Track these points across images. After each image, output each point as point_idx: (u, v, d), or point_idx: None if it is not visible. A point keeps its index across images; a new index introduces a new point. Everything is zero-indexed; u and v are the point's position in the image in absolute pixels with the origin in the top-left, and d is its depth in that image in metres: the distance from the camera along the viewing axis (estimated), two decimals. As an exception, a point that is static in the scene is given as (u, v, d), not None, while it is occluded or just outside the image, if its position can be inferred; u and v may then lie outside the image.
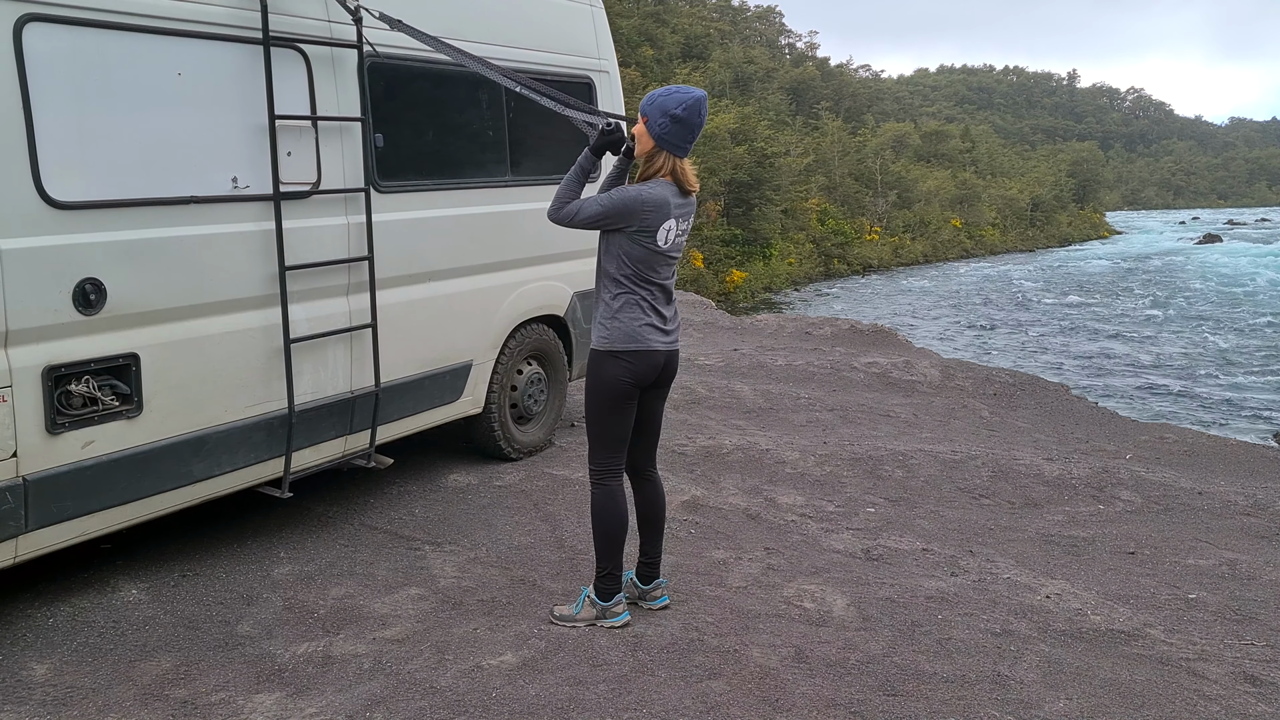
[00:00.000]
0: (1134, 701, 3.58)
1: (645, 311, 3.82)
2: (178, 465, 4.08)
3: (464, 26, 5.23)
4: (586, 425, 3.97)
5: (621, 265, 3.79)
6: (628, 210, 3.71)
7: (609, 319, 3.82)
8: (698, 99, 3.72)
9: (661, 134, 3.72)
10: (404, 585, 4.38)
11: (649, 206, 3.71)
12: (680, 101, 3.69)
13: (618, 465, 3.96)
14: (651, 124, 3.73)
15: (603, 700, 3.44)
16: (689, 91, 3.74)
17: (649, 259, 3.78)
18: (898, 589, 4.51)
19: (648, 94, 3.83)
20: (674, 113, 3.68)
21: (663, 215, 3.73)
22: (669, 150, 3.76)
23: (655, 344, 3.84)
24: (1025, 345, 20.08)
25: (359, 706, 3.37)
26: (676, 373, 4.08)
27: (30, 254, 3.50)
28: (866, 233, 44.93)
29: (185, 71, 3.98)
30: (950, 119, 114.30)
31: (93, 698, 3.40)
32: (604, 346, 3.83)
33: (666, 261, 3.84)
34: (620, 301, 3.81)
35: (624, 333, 3.80)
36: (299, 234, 4.42)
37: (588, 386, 3.93)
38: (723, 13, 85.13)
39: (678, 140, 3.74)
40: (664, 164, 3.77)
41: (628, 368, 3.81)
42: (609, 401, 3.87)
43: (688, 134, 3.74)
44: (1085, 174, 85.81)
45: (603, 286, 3.86)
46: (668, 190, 3.76)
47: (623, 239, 3.76)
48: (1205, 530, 5.76)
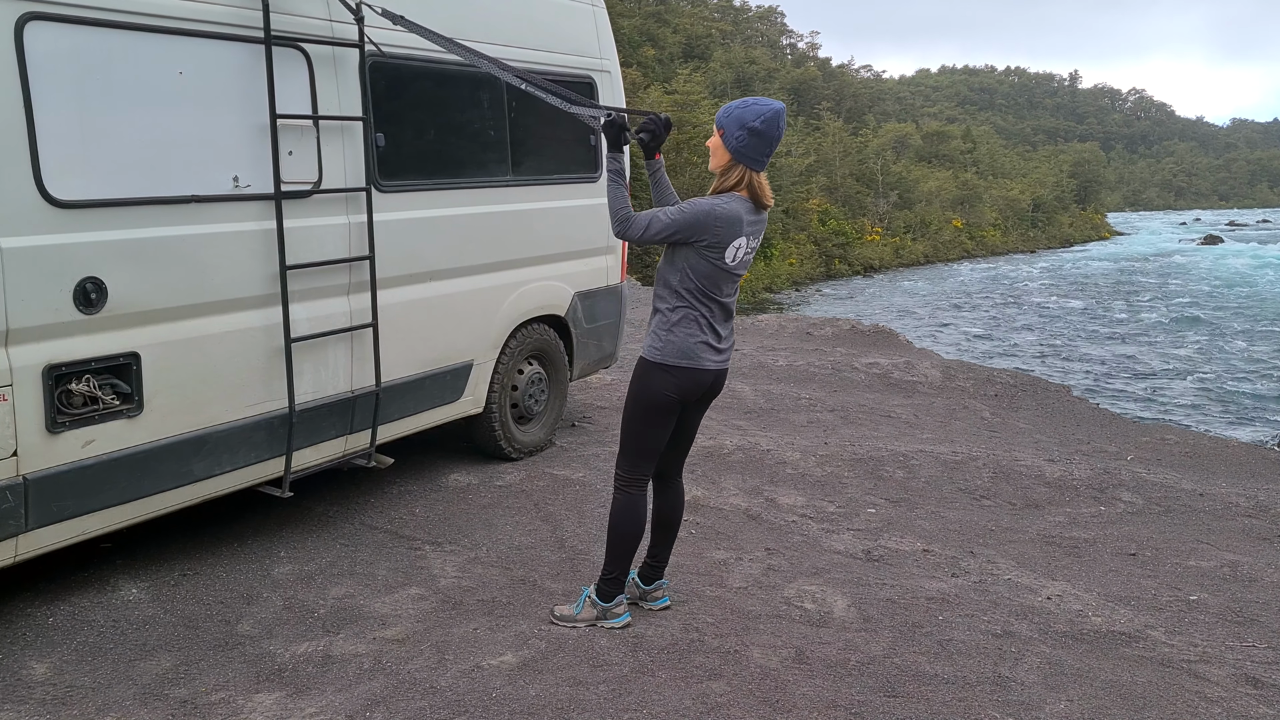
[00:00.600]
0: (1135, 703, 3.57)
1: (702, 329, 3.71)
2: (178, 464, 4.07)
3: (466, 26, 5.22)
4: (622, 430, 3.89)
5: (685, 279, 3.67)
6: (699, 225, 3.58)
7: (665, 331, 3.72)
8: (777, 111, 3.60)
9: (739, 147, 3.59)
10: (404, 585, 4.38)
11: (721, 222, 3.58)
12: (759, 114, 3.57)
13: (645, 475, 3.91)
14: (728, 136, 3.60)
15: (603, 701, 3.44)
16: (767, 104, 3.61)
17: (714, 275, 3.66)
18: (898, 590, 4.50)
19: (723, 106, 3.71)
20: (752, 125, 3.56)
21: (734, 232, 3.61)
22: (745, 164, 3.62)
23: (707, 362, 3.75)
24: (1026, 346, 20.08)
25: (359, 706, 3.37)
26: (723, 388, 3.97)
27: (31, 253, 3.49)
28: (867, 233, 44.91)
29: (187, 70, 3.97)
30: (952, 119, 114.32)
31: (92, 697, 3.40)
32: (655, 358, 3.73)
33: (731, 279, 3.72)
34: (679, 315, 3.70)
35: (678, 348, 3.70)
36: (300, 233, 4.41)
37: (631, 393, 3.83)
38: (724, 13, 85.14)
39: (755, 154, 3.61)
40: (740, 178, 3.64)
41: (675, 383, 3.73)
42: (650, 413, 3.79)
43: (765, 147, 3.61)
44: (1087, 175, 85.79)
45: (661, 297, 3.75)
46: (742, 206, 3.63)
47: (690, 252, 3.64)
48: (1206, 532, 5.75)
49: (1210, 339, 21.33)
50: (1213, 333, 22.34)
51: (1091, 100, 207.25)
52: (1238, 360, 18.39)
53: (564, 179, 6.11)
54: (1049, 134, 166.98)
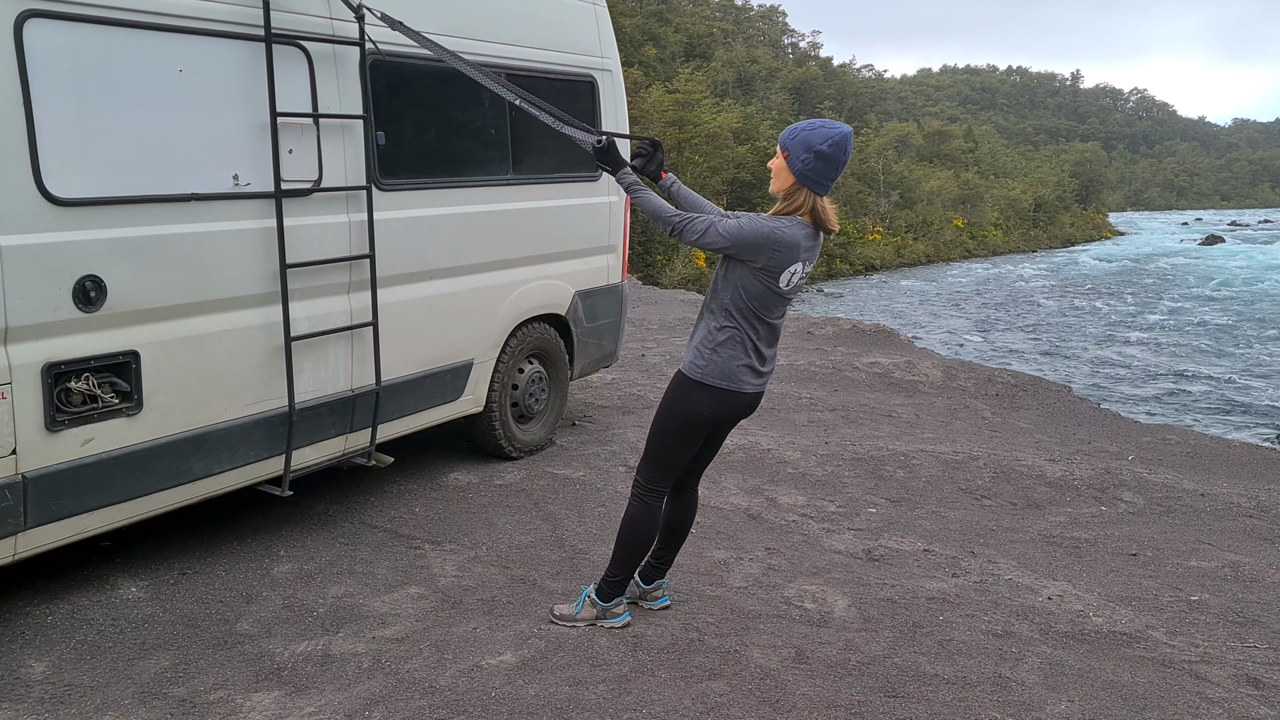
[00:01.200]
0: (1136, 704, 3.56)
1: (747, 351, 3.66)
2: (177, 463, 4.07)
3: (467, 25, 5.22)
4: (649, 439, 3.85)
5: (737, 297, 3.60)
6: (757, 246, 3.51)
7: (709, 349, 3.66)
8: (844, 135, 3.51)
9: (804, 170, 3.50)
10: (404, 584, 4.37)
11: (780, 246, 3.50)
12: (826, 137, 3.48)
13: (665, 487, 3.89)
14: (793, 159, 3.51)
15: (602, 700, 3.43)
16: (835, 127, 3.53)
17: (766, 298, 3.60)
18: (899, 590, 4.50)
19: (788, 127, 3.63)
20: (819, 149, 3.47)
21: (791, 257, 3.53)
22: (810, 188, 3.53)
23: (747, 386, 3.70)
24: (1027, 346, 20.06)
25: (358, 705, 3.36)
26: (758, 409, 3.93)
27: (30, 251, 3.49)
28: (869, 233, 44.87)
29: (187, 68, 3.96)
30: (953, 119, 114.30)
31: (91, 695, 3.40)
32: (696, 376, 3.68)
33: (783, 302, 3.67)
34: (725, 335, 3.64)
35: (720, 369, 3.65)
36: (300, 232, 4.41)
37: (665, 405, 3.78)
38: (726, 12, 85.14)
39: (820, 178, 3.52)
40: (804, 202, 3.55)
41: (712, 403, 3.70)
42: (682, 428, 3.76)
43: (832, 171, 3.52)
44: (1088, 175, 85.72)
45: (710, 313, 3.69)
46: (801, 232, 3.54)
47: (745, 272, 3.57)
48: (1208, 532, 5.75)
49: (1211, 338, 21.32)
50: (1213, 332, 22.32)
51: (1093, 100, 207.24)
52: (1239, 360, 18.37)
53: (565, 178, 6.10)
54: (1051, 134, 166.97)
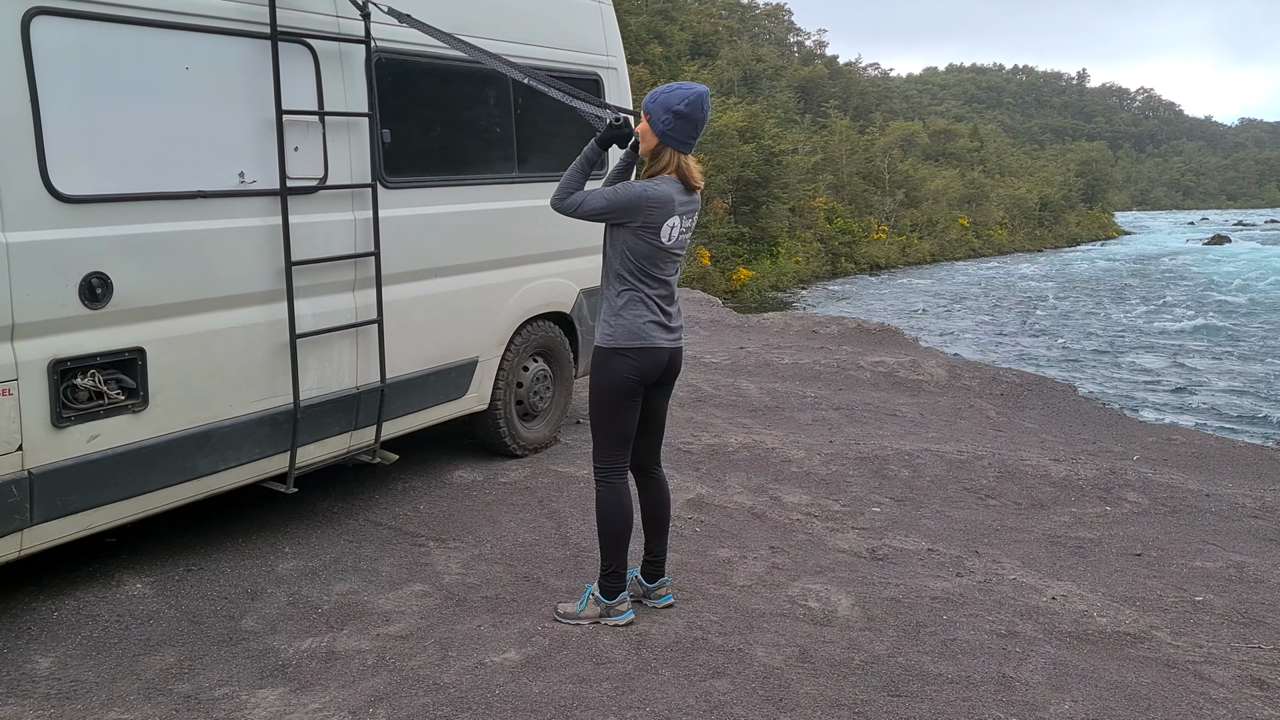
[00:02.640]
0: (1140, 704, 3.56)
1: (650, 309, 3.82)
2: (183, 460, 4.08)
3: (473, 23, 5.22)
4: (591, 423, 3.96)
5: (625, 260, 3.79)
6: (632, 205, 3.72)
7: (613, 316, 3.83)
8: (700, 94, 3.72)
9: (666, 131, 3.72)
10: (408, 581, 4.38)
11: (654, 203, 3.71)
12: (683, 98, 3.70)
13: (622, 463, 3.96)
14: (655, 121, 3.73)
15: (606, 699, 3.43)
16: (691, 88, 3.74)
17: (653, 255, 3.79)
18: (903, 589, 4.49)
19: (650, 92, 3.82)
20: (677, 109, 3.69)
21: (667, 212, 3.74)
22: (674, 147, 3.76)
23: (659, 341, 3.84)
24: (1032, 345, 20.02)
25: (362, 702, 3.37)
26: (680, 370, 4.08)
27: (37, 247, 3.50)
28: (874, 232, 44.81)
29: (193, 66, 3.97)
30: (959, 118, 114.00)
31: (96, 692, 3.41)
32: (608, 344, 3.84)
33: (670, 258, 3.84)
34: (625, 299, 3.81)
35: (628, 330, 3.80)
36: (305, 229, 4.41)
37: (591, 384, 3.93)
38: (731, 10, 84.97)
39: (682, 136, 3.74)
40: (669, 161, 3.77)
41: (632, 365, 3.82)
42: (613, 399, 3.87)
43: (692, 130, 3.74)
44: (1094, 174, 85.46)
45: (607, 283, 3.88)
46: (672, 187, 3.76)
47: (627, 234, 3.77)
48: (1212, 532, 5.73)
49: (1215, 339, 21.27)
50: (1217, 332, 22.27)
51: (1099, 99, 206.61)
52: (1244, 360, 18.32)
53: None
54: (1056, 133, 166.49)
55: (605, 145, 3.88)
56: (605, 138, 3.86)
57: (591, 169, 3.86)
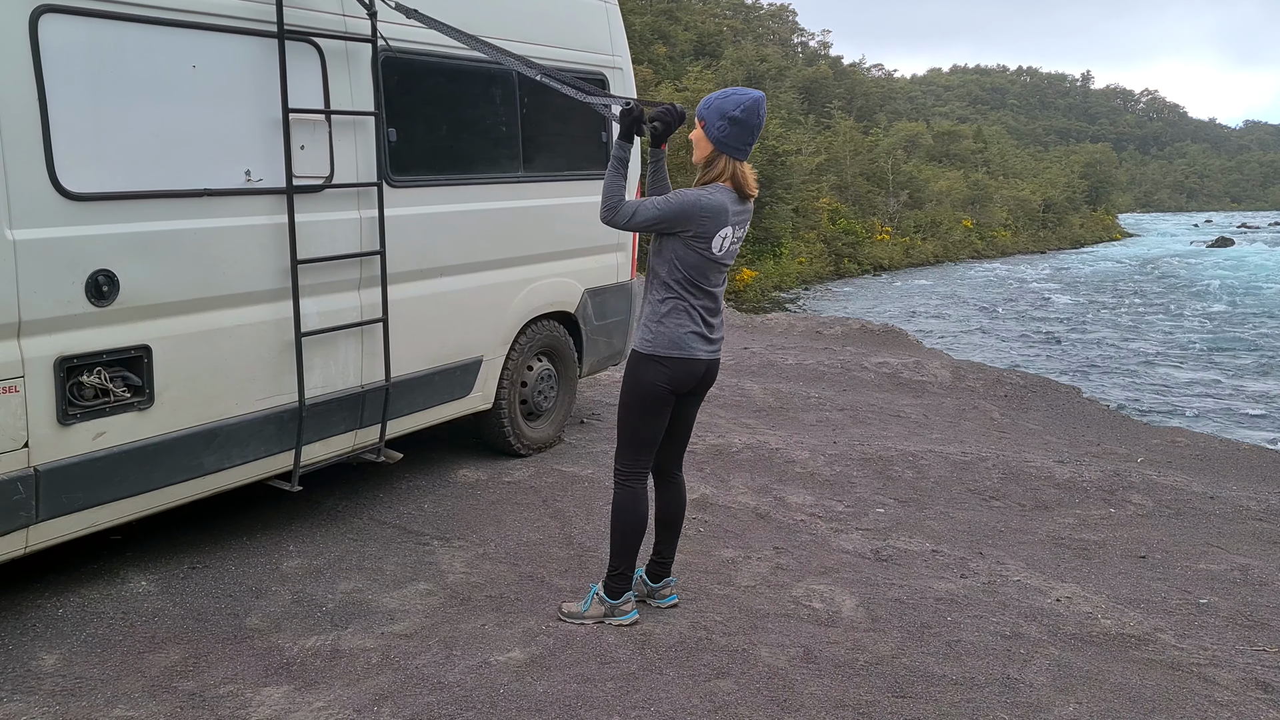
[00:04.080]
0: (1144, 706, 3.55)
1: (693, 319, 3.74)
2: (188, 457, 4.08)
3: (479, 23, 5.21)
4: (618, 425, 3.92)
5: (673, 270, 3.70)
6: (684, 215, 3.62)
7: (655, 323, 3.75)
8: (756, 99, 3.62)
9: (720, 137, 3.62)
10: (412, 580, 4.38)
11: (706, 212, 3.61)
12: (738, 103, 3.60)
13: (644, 468, 3.93)
14: (709, 127, 3.63)
15: (610, 698, 3.43)
16: (746, 93, 3.65)
17: (702, 265, 3.70)
18: (907, 590, 4.49)
19: (704, 98, 3.72)
20: (732, 114, 3.59)
21: (720, 222, 3.64)
22: (728, 154, 3.66)
23: (699, 352, 3.77)
24: (1036, 347, 20.00)
25: (366, 701, 3.37)
26: (715, 379, 4.03)
27: (43, 245, 3.50)
28: (877, 232, 44.74)
29: (200, 64, 3.98)
30: (963, 119, 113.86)
31: (101, 689, 3.41)
32: (646, 350, 3.77)
33: (719, 269, 3.75)
34: (668, 306, 3.73)
35: (668, 338, 3.73)
36: (311, 228, 4.42)
37: (625, 387, 3.86)
38: (736, 10, 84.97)
39: (737, 143, 3.64)
40: (724, 168, 3.67)
41: (667, 374, 3.75)
42: (644, 405, 3.81)
43: (747, 136, 3.64)
44: (1098, 175, 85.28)
45: (651, 289, 3.79)
46: (726, 196, 3.67)
47: (677, 243, 3.67)
48: (1217, 535, 5.73)
49: (1218, 340, 21.23)
50: (1220, 334, 22.23)
51: (1104, 101, 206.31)
52: (1248, 362, 18.29)
53: (575, 175, 6.10)
54: (1061, 134, 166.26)
55: (628, 137, 3.78)
56: (625, 129, 3.77)
57: (626, 168, 3.76)
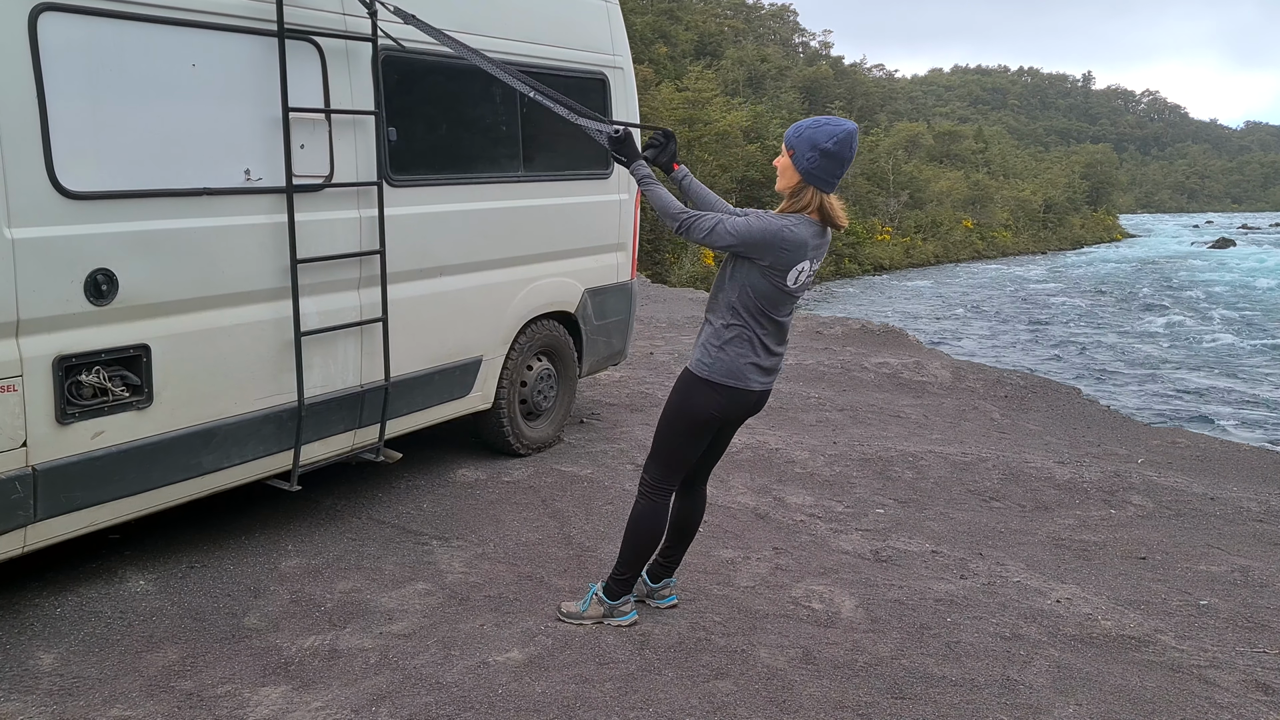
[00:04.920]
0: (1144, 708, 3.55)
1: (754, 349, 3.64)
2: (187, 457, 4.08)
3: (479, 21, 5.22)
4: (656, 436, 3.84)
5: (744, 296, 3.59)
6: (765, 245, 3.50)
7: (716, 347, 3.65)
8: (850, 132, 3.50)
9: (809, 168, 3.49)
10: (411, 580, 4.38)
11: (788, 245, 3.49)
12: (831, 135, 3.46)
13: (673, 485, 3.88)
14: (799, 157, 3.50)
15: (609, 699, 3.43)
16: (840, 124, 3.52)
17: (774, 296, 3.59)
18: (906, 591, 4.49)
19: (794, 125, 3.60)
20: (824, 146, 3.46)
21: (799, 255, 3.53)
22: (816, 186, 3.52)
23: (754, 384, 3.69)
24: (1037, 347, 20.00)
25: (365, 701, 3.37)
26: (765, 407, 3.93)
27: (42, 244, 3.50)
28: (878, 233, 44.75)
29: (199, 63, 3.97)
30: (964, 119, 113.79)
31: (99, 688, 3.41)
32: (703, 374, 3.67)
33: (790, 301, 3.66)
34: (732, 333, 3.62)
35: (727, 367, 3.64)
36: (311, 227, 4.41)
37: (672, 403, 3.77)
38: (737, 10, 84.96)
39: (826, 175, 3.50)
40: (810, 200, 3.53)
41: (720, 402, 3.68)
42: (689, 427, 3.74)
43: (838, 169, 3.51)
44: (1099, 176, 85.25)
45: (716, 311, 3.67)
46: (809, 230, 3.54)
47: (752, 271, 3.56)
48: (1217, 536, 5.72)
49: (1220, 341, 21.23)
50: (1222, 335, 22.23)
51: (1105, 101, 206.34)
52: (1249, 363, 18.29)
53: (576, 175, 6.10)
54: (1061, 135, 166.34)
55: (631, 157, 3.74)
56: (627, 154, 3.74)
57: (654, 181, 3.70)
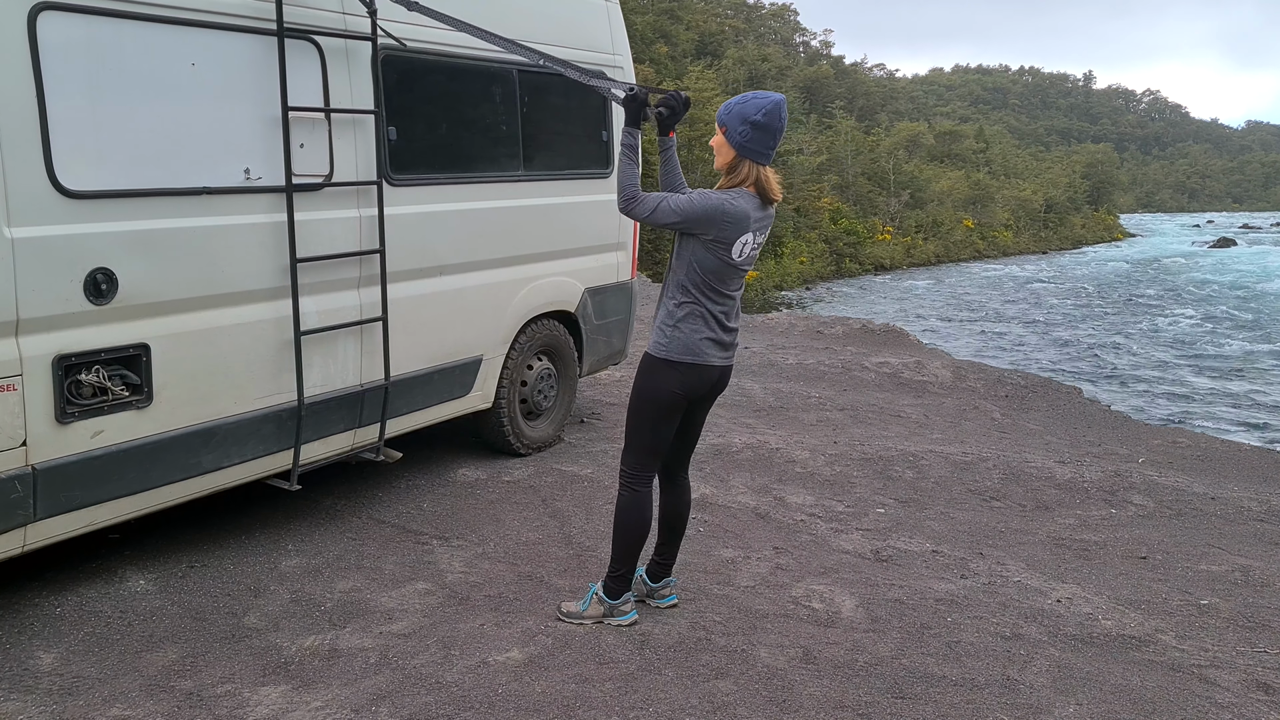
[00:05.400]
0: (1145, 708, 3.54)
1: (708, 324, 3.71)
2: (187, 456, 4.08)
3: (479, 21, 5.19)
4: (627, 427, 3.89)
5: (692, 273, 3.67)
6: (707, 219, 3.58)
7: (670, 327, 3.72)
8: (777, 103, 3.60)
9: (743, 142, 3.59)
10: (411, 580, 4.37)
11: (730, 218, 3.58)
12: (759, 107, 3.56)
13: (651, 472, 3.91)
14: (731, 133, 3.60)
15: (609, 698, 3.43)
16: (767, 96, 3.61)
17: (721, 270, 3.66)
18: (907, 590, 4.48)
19: (724, 103, 3.69)
20: (754, 119, 3.55)
21: (742, 228, 3.61)
22: (751, 159, 3.61)
23: (713, 359, 3.75)
24: (1037, 347, 19.99)
25: (364, 700, 3.37)
26: (728, 384, 4.00)
27: (42, 243, 3.50)
28: (879, 232, 44.75)
29: (199, 62, 3.97)
30: (965, 119, 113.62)
31: (99, 687, 3.41)
32: (660, 354, 3.74)
33: (738, 274, 3.72)
34: (685, 310, 3.70)
35: (683, 344, 3.70)
36: (311, 226, 4.41)
37: (636, 390, 3.84)
38: (737, 10, 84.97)
39: (760, 147, 3.60)
40: (747, 173, 3.63)
41: (680, 379, 3.73)
42: (655, 409, 3.79)
43: (770, 140, 3.60)
44: (1100, 176, 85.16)
45: (668, 292, 3.75)
46: (750, 203, 3.63)
47: (697, 246, 3.64)
48: (1218, 536, 5.72)
49: (1221, 341, 21.22)
50: (1223, 335, 22.22)
51: (1106, 101, 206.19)
52: (1250, 363, 18.28)
53: (576, 174, 6.10)
54: (1062, 134, 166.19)
55: (634, 123, 3.74)
56: (631, 114, 3.73)
57: (638, 155, 3.73)
